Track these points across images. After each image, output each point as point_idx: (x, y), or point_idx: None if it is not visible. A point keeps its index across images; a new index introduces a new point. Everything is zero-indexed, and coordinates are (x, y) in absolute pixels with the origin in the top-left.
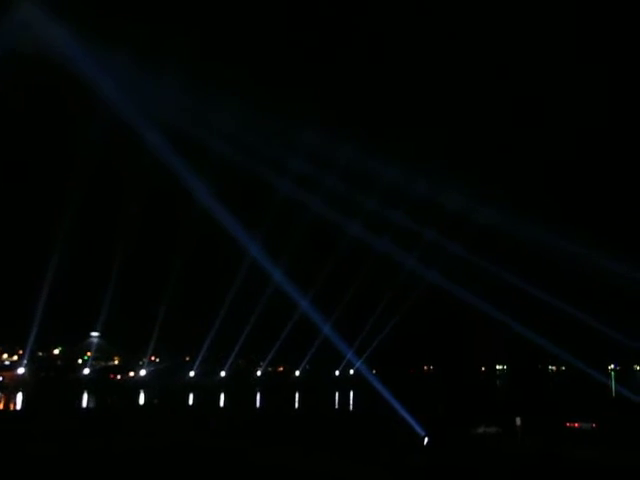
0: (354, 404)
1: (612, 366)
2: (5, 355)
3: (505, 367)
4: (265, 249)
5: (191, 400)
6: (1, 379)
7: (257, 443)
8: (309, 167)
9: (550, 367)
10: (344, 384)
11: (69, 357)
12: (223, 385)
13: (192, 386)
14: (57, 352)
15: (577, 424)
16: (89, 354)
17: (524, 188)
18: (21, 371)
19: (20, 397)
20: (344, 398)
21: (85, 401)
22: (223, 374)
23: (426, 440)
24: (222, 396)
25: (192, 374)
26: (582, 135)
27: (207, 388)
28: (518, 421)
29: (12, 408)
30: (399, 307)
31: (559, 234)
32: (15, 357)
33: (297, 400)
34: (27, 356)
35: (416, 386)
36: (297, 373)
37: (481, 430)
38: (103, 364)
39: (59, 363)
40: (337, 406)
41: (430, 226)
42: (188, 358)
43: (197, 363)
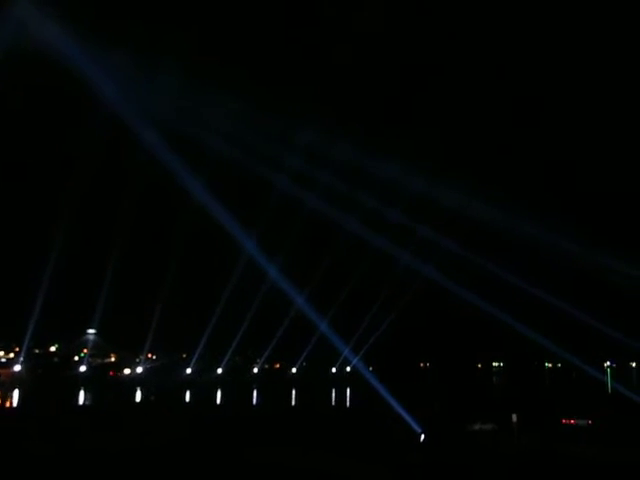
0: (351, 401)
1: (608, 363)
2: (1, 352)
3: (501, 364)
4: (261, 246)
5: (188, 397)
6: None
7: (253, 441)
8: (305, 164)
9: (546, 364)
10: (341, 381)
11: (66, 354)
12: (219, 382)
13: (189, 383)
14: (54, 349)
15: (573, 421)
16: (85, 351)
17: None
18: (17, 368)
19: (17, 394)
20: (341, 395)
21: (82, 398)
22: (220, 371)
23: (422, 437)
24: (219, 393)
25: (189, 371)
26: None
27: (203, 385)
28: (514, 418)
29: (9, 405)
30: (396, 304)
31: (556, 230)
32: (12, 354)
33: (294, 397)
34: (23, 353)
35: (413, 383)
36: (294, 370)
37: (477, 427)
38: (100, 361)
39: (56, 360)
40: (334, 403)
41: (426, 222)
42: (185, 355)
43: (194, 360)
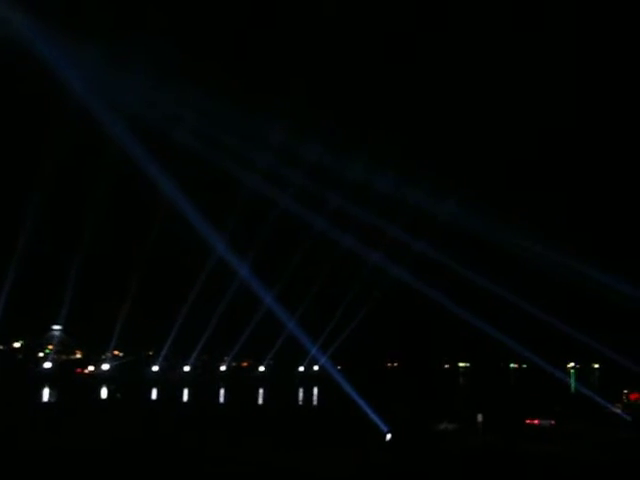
0: (318, 400)
1: (572, 364)
2: None
3: (468, 364)
4: (230, 244)
5: (154, 395)
6: None
7: (220, 438)
8: (276, 162)
9: (512, 365)
10: (308, 380)
11: (30, 351)
12: (186, 380)
13: (155, 381)
14: (18, 345)
15: (537, 421)
16: (51, 347)
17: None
18: None
19: None
20: (308, 394)
21: (46, 395)
22: (187, 369)
23: (389, 436)
24: (185, 391)
25: (155, 369)
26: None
27: (170, 383)
28: (480, 418)
29: None
30: (364, 304)
31: (522, 232)
32: None
33: (261, 395)
34: None
35: (380, 383)
36: (261, 368)
37: (443, 426)
38: (65, 358)
39: (20, 357)
40: (300, 402)
41: (396, 223)
42: (151, 353)
43: (160, 357)
